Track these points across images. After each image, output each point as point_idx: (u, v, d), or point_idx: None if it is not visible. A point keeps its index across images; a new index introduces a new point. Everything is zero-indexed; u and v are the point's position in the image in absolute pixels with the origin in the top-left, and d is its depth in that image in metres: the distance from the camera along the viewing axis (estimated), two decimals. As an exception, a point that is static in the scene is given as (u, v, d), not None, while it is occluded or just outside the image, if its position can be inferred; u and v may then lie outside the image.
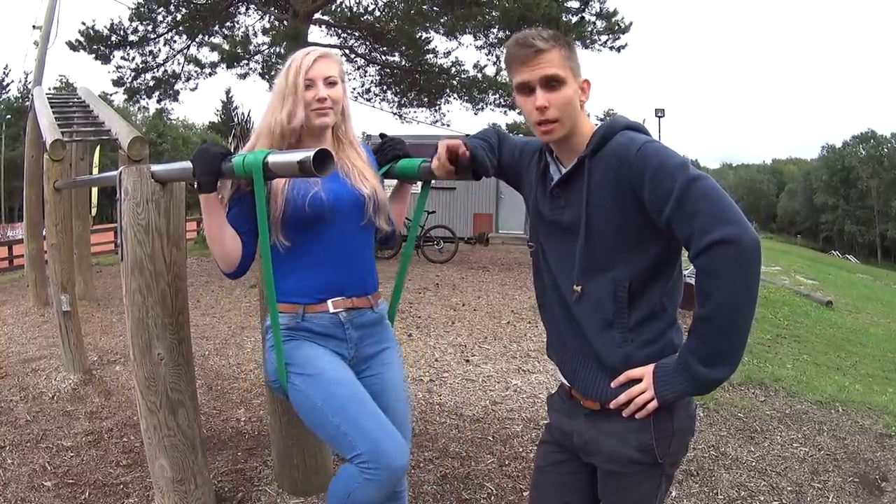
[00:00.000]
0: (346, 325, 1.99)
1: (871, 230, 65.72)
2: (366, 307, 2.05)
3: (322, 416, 1.83)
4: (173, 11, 14.55)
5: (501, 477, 3.22)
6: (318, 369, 1.89)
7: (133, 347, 2.44)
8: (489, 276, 10.54)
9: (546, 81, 1.52)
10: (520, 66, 1.55)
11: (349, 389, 1.87)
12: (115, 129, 5.20)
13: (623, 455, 1.58)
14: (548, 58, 1.52)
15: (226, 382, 4.74)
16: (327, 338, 1.97)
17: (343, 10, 15.48)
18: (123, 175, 2.38)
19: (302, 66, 1.95)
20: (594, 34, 13.72)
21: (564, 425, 1.73)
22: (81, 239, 8.10)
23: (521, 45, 1.54)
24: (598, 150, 1.54)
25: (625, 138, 1.52)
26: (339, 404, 1.82)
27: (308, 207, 1.91)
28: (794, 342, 6.87)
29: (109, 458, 3.39)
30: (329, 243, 1.96)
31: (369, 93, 17.23)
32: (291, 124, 1.97)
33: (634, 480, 1.62)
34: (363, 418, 1.81)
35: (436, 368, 5.15)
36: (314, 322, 1.96)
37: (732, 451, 3.57)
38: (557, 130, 1.56)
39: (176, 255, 2.45)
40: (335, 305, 1.97)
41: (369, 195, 2.02)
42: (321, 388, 1.86)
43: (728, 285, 1.36)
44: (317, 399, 1.85)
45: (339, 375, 1.90)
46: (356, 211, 2.00)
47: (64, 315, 4.91)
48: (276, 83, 2.01)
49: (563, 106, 1.53)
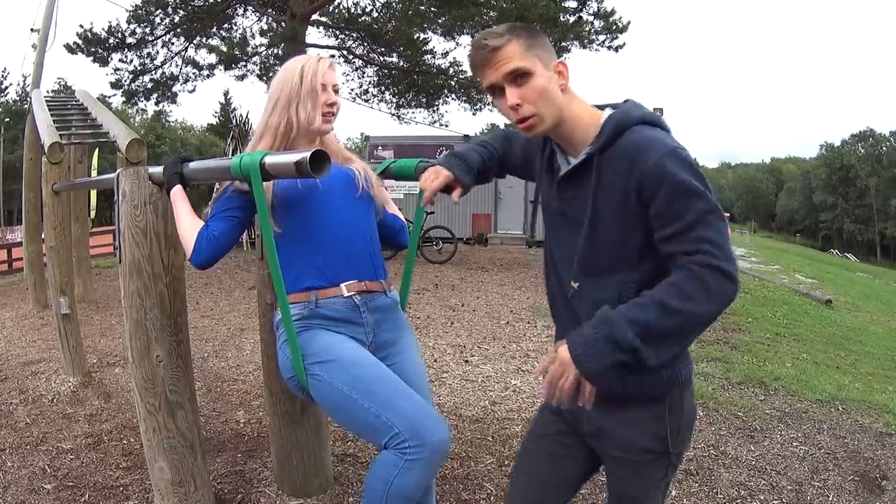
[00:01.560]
0: (361, 309, 1.96)
1: (870, 228, 65.87)
2: (379, 291, 2.03)
3: (351, 402, 1.76)
4: (171, 14, 14.59)
5: (501, 477, 3.21)
6: (338, 354, 1.84)
7: (131, 349, 2.44)
8: (488, 277, 10.54)
9: (511, 77, 1.45)
10: (482, 69, 1.48)
11: (376, 371, 1.82)
12: (113, 132, 5.20)
13: (637, 444, 1.57)
14: (505, 53, 1.44)
15: (225, 384, 4.74)
16: (344, 323, 1.93)
17: (341, 11, 15.53)
18: (121, 177, 2.38)
19: (318, 70, 1.99)
20: (592, 34, 13.76)
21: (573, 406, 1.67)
22: (80, 241, 8.09)
23: (477, 47, 1.47)
24: (608, 145, 1.45)
25: (641, 137, 1.42)
26: (367, 386, 1.76)
27: (300, 183, 1.93)
28: (793, 341, 6.87)
29: (109, 461, 3.38)
30: (328, 221, 1.96)
31: (367, 93, 17.31)
32: (313, 126, 2.00)
33: (644, 469, 1.61)
34: (396, 398, 1.75)
35: (435, 369, 5.14)
36: (329, 307, 1.92)
37: (732, 450, 3.57)
38: (538, 125, 1.48)
39: (174, 257, 2.45)
40: (349, 289, 1.95)
41: (357, 170, 2.06)
42: (345, 371, 1.80)
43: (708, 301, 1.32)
44: (342, 385, 1.78)
45: (361, 357, 1.85)
46: (348, 185, 2.02)
47: (63, 318, 4.91)
48: (280, 85, 2.02)
49: (536, 98, 1.45)
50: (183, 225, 1.98)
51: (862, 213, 66.51)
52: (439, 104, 17.04)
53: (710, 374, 5.09)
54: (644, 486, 1.63)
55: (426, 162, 2.10)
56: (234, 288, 8.75)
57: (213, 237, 1.91)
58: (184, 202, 2.00)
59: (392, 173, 2.20)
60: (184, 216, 1.99)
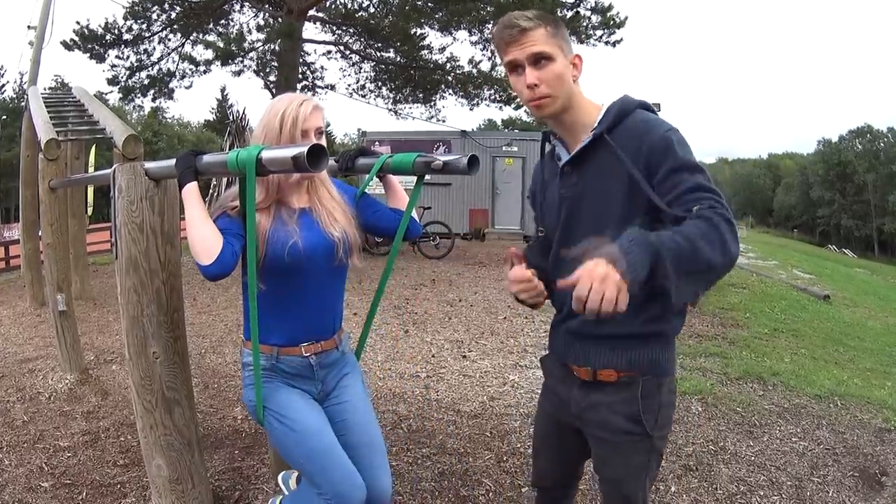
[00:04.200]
0: (315, 367, 2.08)
1: (867, 224, 65.88)
2: (332, 348, 2.13)
3: (294, 456, 1.99)
4: (168, 10, 14.51)
5: (499, 473, 3.21)
6: (293, 419, 1.99)
7: (128, 346, 2.43)
8: (485, 272, 10.54)
9: (534, 59, 1.57)
10: (507, 46, 1.59)
11: (320, 441, 1.97)
12: (109, 128, 5.17)
13: (613, 424, 1.68)
14: (533, 36, 1.56)
15: (222, 381, 4.73)
16: (299, 378, 2.08)
17: (338, 7, 15.48)
18: (117, 173, 2.36)
19: (299, 117, 1.95)
20: (589, 29, 13.71)
21: (561, 392, 1.83)
22: (77, 238, 8.08)
23: (507, 25, 1.58)
24: (615, 125, 1.57)
25: (645, 117, 1.58)
26: (308, 453, 1.95)
27: (287, 256, 1.94)
28: (791, 336, 6.87)
29: (106, 458, 3.38)
30: (303, 291, 2.02)
31: (364, 89, 17.25)
32: (291, 179, 2.01)
33: (625, 451, 1.69)
34: (330, 468, 1.93)
35: (432, 364, 5.14)
36: (287, 364, 2.05)
37: (731, 446, 3.57)
38: (550, 105, 1.60)
39: (171, 253, 2.44)
40: (307, 350, 2.06)
41: (339, 238, 2.04)
42: (296, 436, 1.97)
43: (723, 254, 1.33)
44: (290, 444, 1.99)
45: (311, 425, 2.00)
46: (328, 256, 2.03)
47: (60, 315, 4.89)
48: (264, 130, 1.98)
49: (553, 81, 1.57)
50: (203, 230, 1.85)
51: (859, 209, 66.50)
52: (436, 99, 17.00)
53: (709, 369, 5.09)
54: (625, 468, 1.71)
55: (424, 156, 2.09)
56: (231, 284, 8.71)
57: (234, 254, 1.86)
58: (199, 202, 1.91)
59: (390, 168, 2.18)
60: (203, 219, 1.88)
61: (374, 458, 2.06)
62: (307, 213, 2.04)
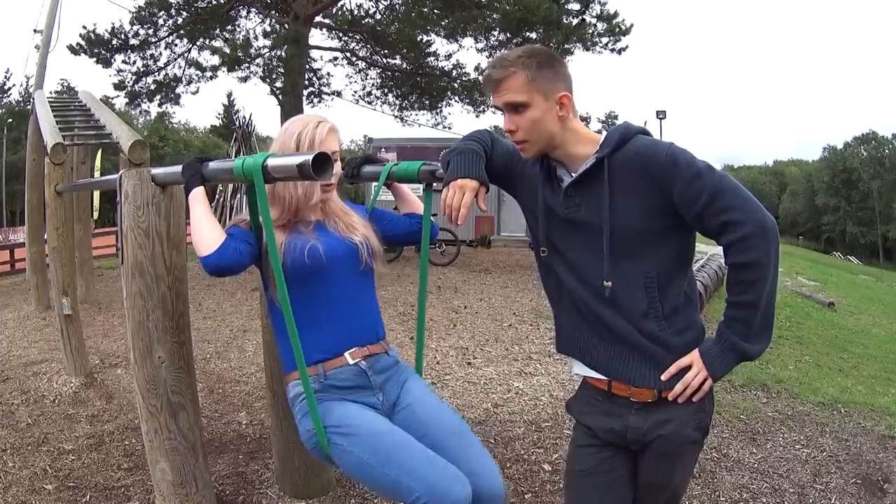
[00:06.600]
0: (368, 374, 1.97)
1: (872, 231, 65.67)
2: (381, 352, 2.03)
3: (372, 469, 1.80)
4: (174, 15, 14.57)
5: (503, 480, 3.20)
6: (356, 424, 1.86)
7: (134, 350, 2.44)
8: (491, 279, 10.53)
9: (510, 107, 1.62)
10: (489, 91, 1.66)
11: (392, 437, 1.84)
12: (115, 133, 5.21)
13: (684, 437, 1.67)
14: (507, 85, 1.60)
15: (227, 385, 4.74)
16: (355, 390, 1.95)
17: (344, 14, 15.53)
18: (124, 178, 2.39)
19: (315, 139, 1.96)
20: (595, 36, 13.73)
21: (612, 424, 1.73)
22: (83, 242, 8.10)
23: (486, 73, 1.66)
24: (617, 149, 1.60)
25: (647, 141, 1.62)
26: (387, 454, 1.79)
27: (308, 259, 1.92)
28: (796, 344, 6.85)
29: (111, 462, 3.39)
30: (331, 294, 1.97)
31: (370, 95, 17.29)
32: (311, 201, 2.02)
33: (686, 459, 1.75)
34: (414, 463, 1.78)
35: (437, 371, 5.14)
36: (337, 378, 1.94)
37: (734, 453, 3.57)
38: (529, 149, 1.66)
39: (176, 259, 2.45)
40: (353, 356, 1.96)
41: (361, 242, 2.03)
42: (364, 442, 1.83)
43: (766, 273, 1.51)
44: (363, 454, 1.82)
45: (378, 426, 1.87)
46: (351, 258, 2.01)
47: (65, 318, 4.92)
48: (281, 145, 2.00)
49: (528, 128, 1.61)
50: (206, 228, 1.88)
51: (864, 216, 66.26)
52: (442, 106, 17.01)
53: (713, 376, 5.07)
54: (683, 473, 1.78)
55: (429, 164, 2.10)
56: (237, 289, 8.74)
57: (237, 250, 1.88)
58: (205, 204, 1.95)
59: (395, 176, 2.18)
60: (208, 216, 1.91)
61: (469, 449, 1.90)
62: (323, 225, 2.05)
